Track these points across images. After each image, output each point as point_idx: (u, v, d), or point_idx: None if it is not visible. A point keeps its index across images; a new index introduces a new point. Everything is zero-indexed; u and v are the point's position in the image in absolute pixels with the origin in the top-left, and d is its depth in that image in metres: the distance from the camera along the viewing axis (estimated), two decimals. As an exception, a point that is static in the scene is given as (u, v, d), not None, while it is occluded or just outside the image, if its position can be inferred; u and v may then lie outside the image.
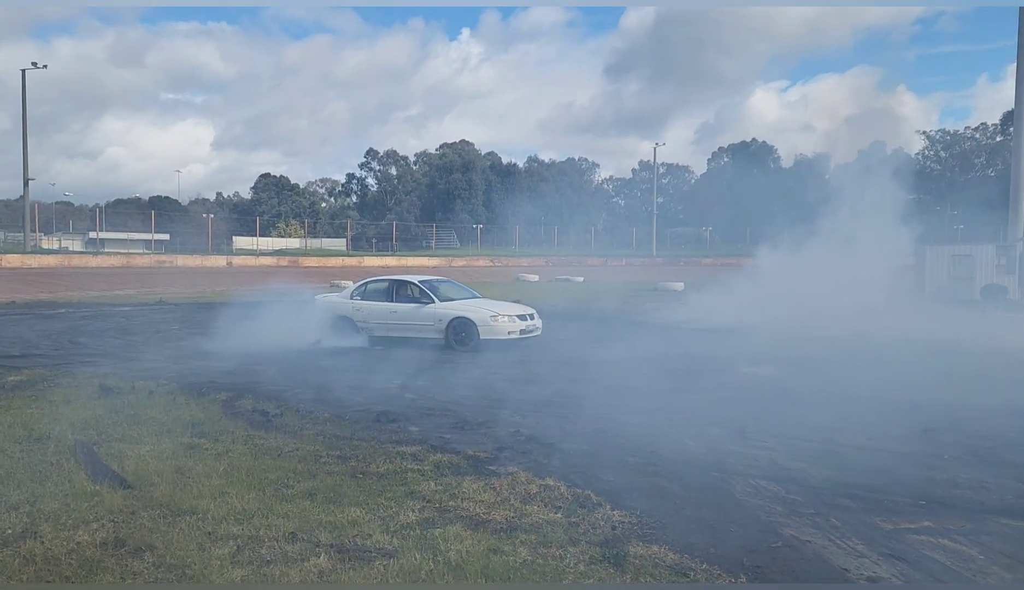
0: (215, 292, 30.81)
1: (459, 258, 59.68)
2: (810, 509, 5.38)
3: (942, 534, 4.91)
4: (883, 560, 4.52)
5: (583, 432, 7.73)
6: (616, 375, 11.53)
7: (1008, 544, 4.78)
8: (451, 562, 4.36)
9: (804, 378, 11.10)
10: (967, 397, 9.59)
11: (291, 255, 58.67)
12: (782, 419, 8.39)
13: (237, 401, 8.98)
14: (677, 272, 51.62)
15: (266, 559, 4.39)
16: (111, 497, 5.39)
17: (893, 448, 7.15)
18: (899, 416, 8.42)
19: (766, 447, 7.13)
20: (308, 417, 8.19)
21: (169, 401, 8.78)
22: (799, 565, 4.45)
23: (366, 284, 16.47)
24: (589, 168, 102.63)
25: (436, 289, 15.39)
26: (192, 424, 7.64)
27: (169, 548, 4.52)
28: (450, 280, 17.50)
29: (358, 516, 5.06)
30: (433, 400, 9.54)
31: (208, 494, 5.45)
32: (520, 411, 8.76)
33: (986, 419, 8.32)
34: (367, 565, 4.32)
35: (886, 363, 12.48)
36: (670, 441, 7.35)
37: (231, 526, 4.86)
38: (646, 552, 4.54)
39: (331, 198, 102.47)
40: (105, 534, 4.76)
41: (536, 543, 4.67)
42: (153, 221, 60.22)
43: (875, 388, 10.16)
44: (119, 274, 41.11)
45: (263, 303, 17.78)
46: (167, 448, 6.72)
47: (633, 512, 5.24)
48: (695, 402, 9.44)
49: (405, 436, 7.44)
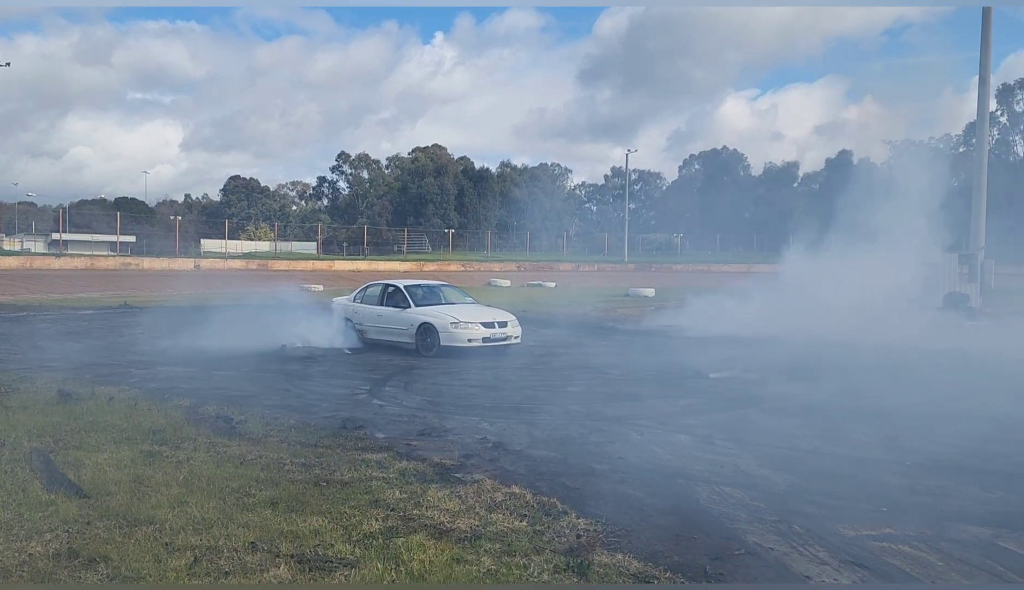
0: (182, 295, 30.38)
1: (430, 263, 59.44)
2: (773, 516, 5.40)
3: (903, 540, 4.96)
4: (844, 567, 4.55)
5: (550, 439, 7.72)
6: (584, 382, 11.55)
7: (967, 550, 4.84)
8: (413, 572, 4.31)
9: (770, 385, 11.20)
10: (932, 404, 9.75)
11: (261, 258, 57.99)
12: (747, 425, 8.46)
13: (200, 407, 8.83)
14: (648, 278, 51.89)
15: (224, 570, 4.30)
16: (66, 507, 5.26)
17: (856, 454, 7.22)
18: (864, 422, 8.52)
19: (731, 454, 7.17)
20: (273, 424, 8.08)
21: (130, 407, 8.61)
22: (761, 572, 4.47)
23: (366, 288, 16.47)
24: (562, 174, 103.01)
25: (415, 294, 15.27)
26: (153, 431, 7.49)
27: (124, 559, 4.41)
28: (448, 285, 17.20)
29: (320, 525, 4.99)
30: (401, 406, 9.47)
31: (167, 503, 5.34)
32: (488, 418, 8.73)
33: (949, 425, 8.45)
34: (328, 575, 4.26)
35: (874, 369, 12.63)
36: (637, 448, 7.37)
37: (189, 536, 4.76)
38: (610, 560, 4.53)
39: (302, 201, 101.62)
40: (59, 545, 4.64)
41: (500, 552, 4.63)
42: (119, 222, 59.18)
43: (844, 397, 10.28)
44: (83, 276, 40.38)
45: (230, 307, 17.56)
46: (126, 456, 6.58)
47: (599, 520, 5.23)
48: (663, 409, 9.47)
49: (371, 443, 7.37)
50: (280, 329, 15.58)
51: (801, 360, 13.45)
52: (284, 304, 17.10)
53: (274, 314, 16.48)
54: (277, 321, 16.00)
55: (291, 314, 16.35)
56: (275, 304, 17.05)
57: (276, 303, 17.08)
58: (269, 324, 15.94)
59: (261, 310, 17.16)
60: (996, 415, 8.89)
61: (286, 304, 17.04)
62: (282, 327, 15.69)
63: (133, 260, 50.95)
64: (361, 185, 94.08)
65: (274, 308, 16.82)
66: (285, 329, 15.60)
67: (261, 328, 15.88)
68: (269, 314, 16.63)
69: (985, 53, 25.26)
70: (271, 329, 15.70)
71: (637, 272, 59.54)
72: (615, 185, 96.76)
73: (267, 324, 15.98)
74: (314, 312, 16.66)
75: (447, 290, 16.40)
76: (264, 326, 15.90)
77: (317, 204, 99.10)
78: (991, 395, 10.21)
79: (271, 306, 17.10)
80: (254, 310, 17.88)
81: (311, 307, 16.69)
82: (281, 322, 15.94)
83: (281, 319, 16.11)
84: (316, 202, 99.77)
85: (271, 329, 15.70)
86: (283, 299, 17.20)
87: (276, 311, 16.67)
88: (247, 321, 16.47)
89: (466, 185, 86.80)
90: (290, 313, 16.37)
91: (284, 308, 16.77)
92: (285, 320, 16.02)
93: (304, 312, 16.55)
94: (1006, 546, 4.90)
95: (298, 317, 16.17)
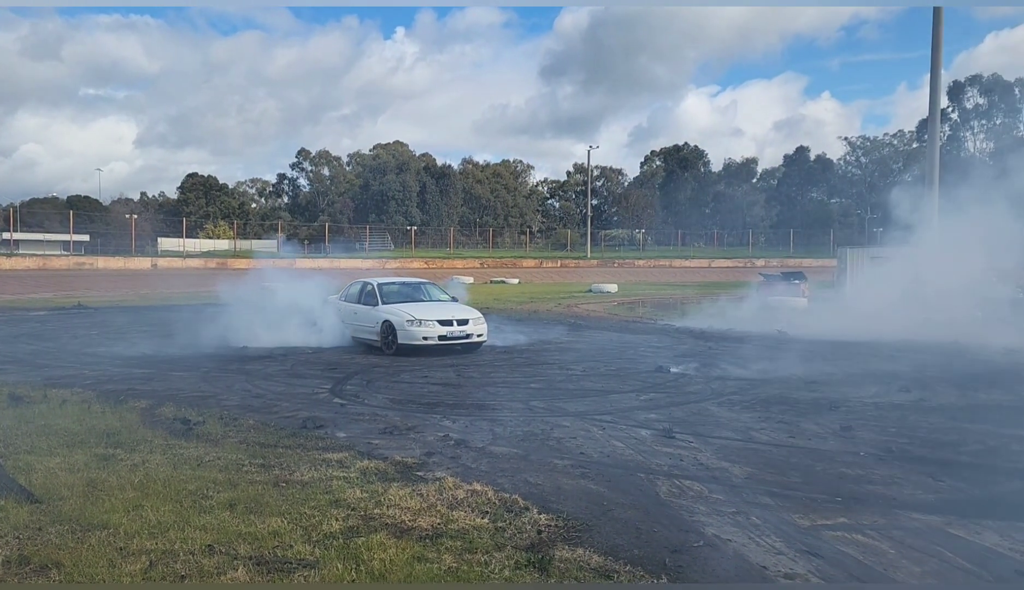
0: (138, 295, 29.79)
1: (393, 260, 59.08)
2: (731, 508, 5.48)
3: (856, 530, 5.07)
4: (800, 556, 4.63)
5: (512, 435, 7.74)
6: (546, 378, 11.59)
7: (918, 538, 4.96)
8: (374, 571, 4.29)
9: (734, 379, 11.36)
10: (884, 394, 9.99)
11: (220, 257, 57.09)
12: (706, 419, 8.57)
13: (157, 409, 8.68)
14: (611, 273, 52.27)
15: (180, 574, 4.24)
16: (16, 512, 5.13)
17: (812, 446, 7.37)
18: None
19: (691, 447, 7.25)
20: (232, 424, 7.97)
21: (83, 410, 8.42)
22: (719, 564, 4.53)
23: (350, 286, 16.33)
24: (524, 170, 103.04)
25: (385, 292, 15.14)
26: (107, 434, 7.34)
27: (77, 565, 4.32)
28: (430, 283, 16.94)
29: (279, 526, 4.94)
30: (363, 404, 9.41)
31: (121, 508, 5.24)
32: (450, 415, 8.72)
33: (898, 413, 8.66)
34: (286, 577, 4.22)
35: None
36: (598, 443, 7.42)
37: (144, 540, 4.68)
38: (571, 555, 4.55)
39: (261, 199, 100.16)
40: (9, 552, 4.52)
41: (462, 549, 4.63)
42: (71, 221, 57.82)
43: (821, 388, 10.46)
44: (34, 277, 39.41)
45: (186, 306, 17.25)
46: (79, 460, 6.44)
47: (560, 515, 5.26)
48: (624, 404, 9.55)
49: (332, 442, 7.31)
50: (241, 329, 15.38)
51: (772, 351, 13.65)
52: (246, 303, 16.74)
53: (235, 314, 16.20)
54: (237, 322, 15.75)
55: (254, 314, 16.08)
56: (236, 303, 16.71)
57: (238, 302, 16.73)
58: (231, 324, 15.71)
59: (221, 310, 16.86)
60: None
61: (248, 303, 16.68)
62: (242, 327, 15.48)
63: (87, 259, 49.84)
64: (322, 182, 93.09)
65: (235, 307, 16.51)
66: (245, 330, 15.40)
67: (222, 328, 15.66)
68: (228, 314, 16.35)
69: (936, 51, 25.90)
70: (232, 329, 15.50)
71: (600, 268, 59.90)
72: (577, 181, 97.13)
73: (228, 324, 15.75)
74: (279, 311, 16.36)
75: (428, 287, 16.23)
76: (225, 326, 15.68)
77: (277, 202, 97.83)
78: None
79: (232, 305, 16.77)
80: (210, 310, 17.58)
81: (268, 306, 16.40)
82: (241, 322, 15.69)
83: (241, 319, 15.86)
84: (276, 200, 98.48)
85: (232, 329, 15.50)
86: (245, 298, 16.82)
87: (237, 310, 16.37)
88: (204, 320, 16.22)
89: (428, 182, 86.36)
90: (252, 313, 16.09)
91: (246, 307, 16.45)
92: (245, 320, 15.77)
93: (265, 311, 16.27)
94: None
95: (260, 316, 15.91)
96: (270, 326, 15.58)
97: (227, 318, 16.09)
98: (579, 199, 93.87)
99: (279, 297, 16.54)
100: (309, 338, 15.49)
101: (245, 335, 15.23)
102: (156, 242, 66.22)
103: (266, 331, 15.46)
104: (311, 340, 15.42)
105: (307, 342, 15.34)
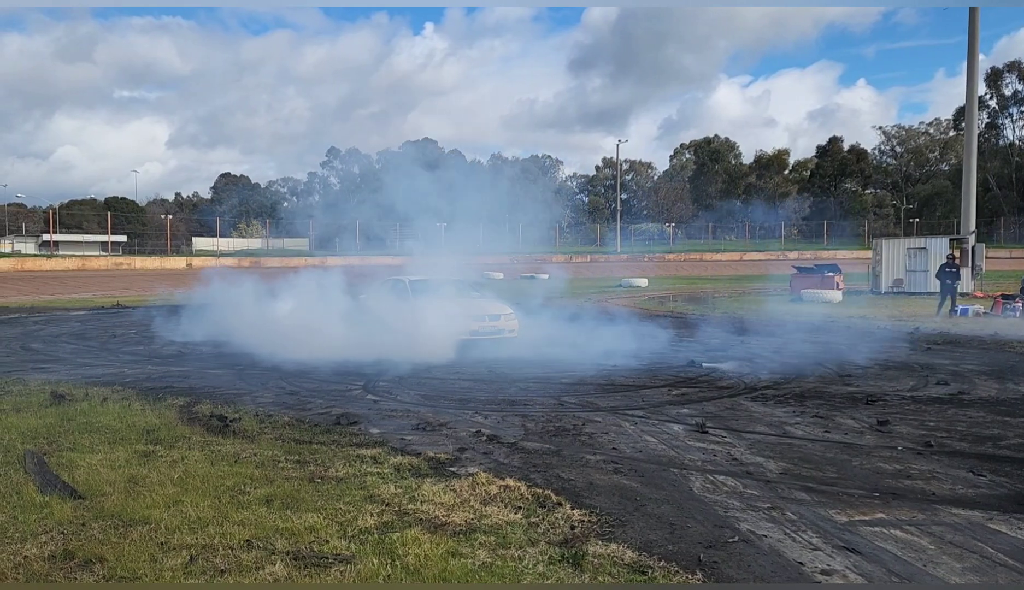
0: (176, 295, 30.26)
1: (423, 257, 59.29)
2: (766, 503, 5.44)
3: (895, 525, 5.00)
4: (837, 552, 4.58)
5: (544, 431, 7.74)
6: (577, 373, 11.57)
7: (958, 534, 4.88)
8: (409, 566, 4.32)
9: (767, 373, 11.25)
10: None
11: (253, 255, 57.86)
12: (739, 413, 8.50)
13: (194, 406, 8.82)
14: (641, 268, 51.98)
15: (220, 568, 4.31)
16: (61, 508, 5.26)
17: (848, 440, 7.27)
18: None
19: (724, 442, 7.20)
20: (267, 421, 8.08)
21: (124, 408, 8.59)
22: (754, 560, 4.50)
23: (382, 283, 16.49)
24: (553, 165, 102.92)
25: (417, 289, 15.12)
26: (147, 431, 7.49)
27: (120, 560, 4.42)
28: (460, 279, 16.92)
29: (315, 522, 5.00)
30: (395, 401, 9.48)
31: (161, 503, 5.34)
32: (483, 411, 8.74)
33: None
34: (323, 572, 4.27)
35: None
36: (630, 438, 7.40)
37: (184, 535, 4.77)
38: (605, 551, 4.55)
39: (293, 197, 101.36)
40: (54, 547, 4.64)
41: (495, 545, 4.65)
42: (109, 222, 58.98)
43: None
44: (74, 277, 40.21)
45: (221, 305, 17.48)
46: (120, 456, 6.58)
47: (593, 511, 5.26)
48: (656, 398, 9.51)
49: (365, 439, 7.38)
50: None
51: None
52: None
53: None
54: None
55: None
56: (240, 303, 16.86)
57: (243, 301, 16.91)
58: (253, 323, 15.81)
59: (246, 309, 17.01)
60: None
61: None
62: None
63: (125, 260, 50.80)
64: (352, 180, 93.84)
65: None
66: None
67: (253, 327, 15.80)
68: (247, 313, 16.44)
69: (971, 54, 25.49)
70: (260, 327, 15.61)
71: (630, 262, 59.65)
72: (606, 176, 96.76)
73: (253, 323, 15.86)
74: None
75: (459, 284, 16.22)
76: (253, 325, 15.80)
77: (309, 200, 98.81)
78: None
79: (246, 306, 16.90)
80: (245, 309, 17.76)
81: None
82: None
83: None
84: (308, 198, 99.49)
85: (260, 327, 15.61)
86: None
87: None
88: (242, 318, 16.38)
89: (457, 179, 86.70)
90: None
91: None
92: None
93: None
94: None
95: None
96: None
97: (250, 316, 16.05)
98: (608, 193, 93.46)
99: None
100: None
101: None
102: (190, 242, 67.29)
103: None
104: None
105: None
